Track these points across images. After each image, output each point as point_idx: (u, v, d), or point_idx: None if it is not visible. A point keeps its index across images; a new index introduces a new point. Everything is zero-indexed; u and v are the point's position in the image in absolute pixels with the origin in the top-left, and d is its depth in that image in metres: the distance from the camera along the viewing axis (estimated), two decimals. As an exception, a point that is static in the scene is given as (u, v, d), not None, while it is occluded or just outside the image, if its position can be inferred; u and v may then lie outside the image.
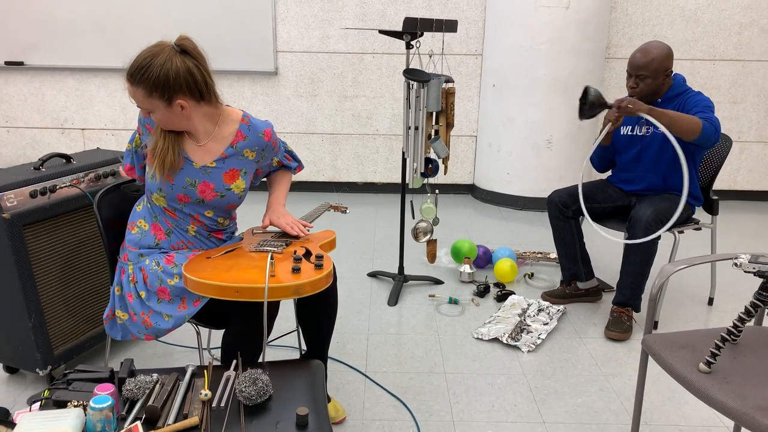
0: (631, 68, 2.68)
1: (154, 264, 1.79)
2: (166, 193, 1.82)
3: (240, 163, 1.92)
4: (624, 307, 2.74)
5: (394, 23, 4.67)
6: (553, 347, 2.61)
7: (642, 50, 2.66)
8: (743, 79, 4.78)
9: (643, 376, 1.81)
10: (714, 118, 2.55)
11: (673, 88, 2.72)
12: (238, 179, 1.92)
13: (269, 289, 1.54)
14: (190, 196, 1.84)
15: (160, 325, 1.75)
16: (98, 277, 2.36)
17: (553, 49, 4.29)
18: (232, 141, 1.89)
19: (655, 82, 2.66)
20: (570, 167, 4.61)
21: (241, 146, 1.91)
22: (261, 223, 1.99)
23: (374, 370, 2.41)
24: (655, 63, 2.62)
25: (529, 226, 4.28)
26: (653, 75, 2.64)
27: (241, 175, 1.93)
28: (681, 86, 2.73)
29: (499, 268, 3.22)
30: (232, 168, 1.91)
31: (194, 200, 1.85)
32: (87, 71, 4.73)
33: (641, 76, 2.65)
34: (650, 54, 2.63)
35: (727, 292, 3.17)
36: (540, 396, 2.25)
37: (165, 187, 1.81)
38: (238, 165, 1.92)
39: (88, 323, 2.33)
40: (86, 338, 2.32)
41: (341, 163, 4.98)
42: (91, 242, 2.31)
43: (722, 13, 4.65)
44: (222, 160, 1.88)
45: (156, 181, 1.81)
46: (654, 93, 2.70)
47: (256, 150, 1.94)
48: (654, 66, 2.63)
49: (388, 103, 4.83)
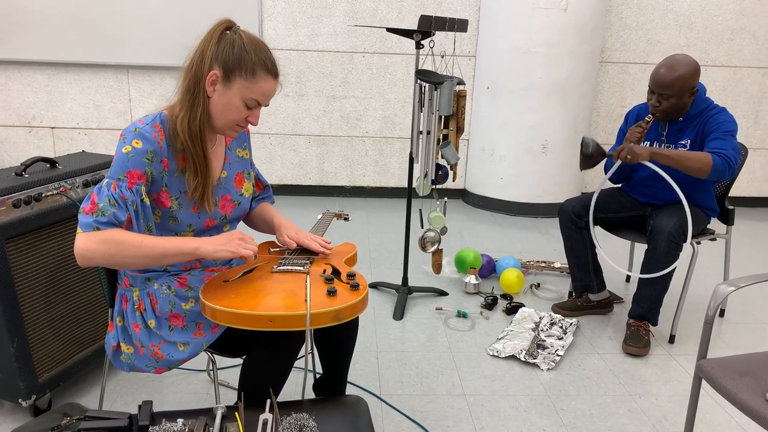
0: (654, 85, 2.50)
1: (164, 288, 1.58)
2: (196, 226, 1.61)
3: (240, 164, 1.75)
4: (641, 320, 2.64)
5: (385, 21, 4.51)
6: (572, 364, 2.49)
7: (667, 66, 2.46)
8: (734, 86, 4.78)
9: (695, 405, 1.69)
10: (729, 148, 2.41)
11: (695, 104, 2.56)
12: (245, 182, 1.76)
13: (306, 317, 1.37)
14: (215, 218, 1.64)
15: (174, 355, 1.56)
16: (87, 294, 2.13)
17: (550, 52, 4.20)
18: (225, 142, 1.71)
19: (679, 102, 2.49)
20: (565, 173, 4.52)
21: (234, 146, 1.74)
22: (277, 242, 1.81)
23: (389, 393, 2.24)
24: (681, 81, 2.44)
25: (526, 233, 4.18)
26: (678, 94, 2.47)
27: (246, 177, 1.77)
28: (703, 101, 2.58)
29: (506, 279, 3.10)
30: (238, 172, 1.74)
31: (219, 220, 1.66)
32: (58, 66, 4.43)
33: (665, 95, 2.48)
34: (676, 71, 2.44)
35: (737, 302, 3.11)
36: (568, 419, 2.13)
37: (193, 220, 1.60)
38: (240, 167, 1.75)
39: (75, 345, 2.10)
40: (74, 362, 2.09)
41: (329, 166, 4.79)
42: (79, 256, 2.09)
43: (715, 19, 4.64)
44: (228, 166, 1.71)
45: (185, 219, 1.58)
46: (678, 111, 2.54)
47: (245, 146, 1.78)
48: (680, 85, 2.45)
49: (379, 105, 4.67)
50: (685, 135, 2.60)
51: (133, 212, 1.46)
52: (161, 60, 4.39)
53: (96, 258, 1.42)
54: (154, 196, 1.53)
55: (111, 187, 1.45)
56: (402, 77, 4.61)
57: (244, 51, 1.48)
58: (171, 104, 1.56)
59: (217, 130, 1.59)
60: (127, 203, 1.45)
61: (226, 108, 1.52)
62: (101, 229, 1.42)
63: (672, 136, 2.64)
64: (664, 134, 2.66)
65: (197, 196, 1.56)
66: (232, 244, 1.51)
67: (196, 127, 1.51)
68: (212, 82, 1.50)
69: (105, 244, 1.41)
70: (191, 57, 1.52)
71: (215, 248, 1.49)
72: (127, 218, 1.45)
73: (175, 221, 1.56)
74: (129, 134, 1.48)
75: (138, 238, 1.45)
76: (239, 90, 1.50)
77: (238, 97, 1.51)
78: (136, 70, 4.47)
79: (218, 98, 1.52)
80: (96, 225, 1.41)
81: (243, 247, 1.52)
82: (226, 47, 1.49)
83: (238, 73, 1.48)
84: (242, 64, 1.48)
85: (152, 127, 1.49)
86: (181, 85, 1.53)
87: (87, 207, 1.44)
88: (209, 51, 1.49)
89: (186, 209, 1.57)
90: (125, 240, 1.43)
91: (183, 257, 1.49)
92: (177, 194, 1.55)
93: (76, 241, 1.42)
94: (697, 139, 2.57)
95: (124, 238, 1.43)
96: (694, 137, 2.58)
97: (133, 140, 1.47)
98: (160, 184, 1.52)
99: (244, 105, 1.52)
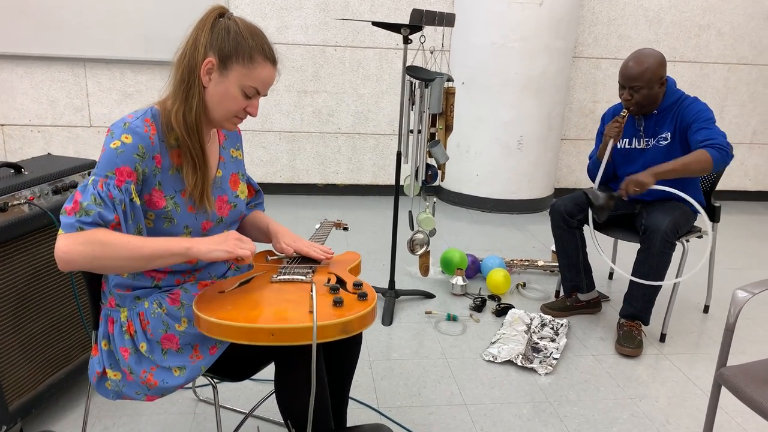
0: (624, 79, 2.53)
1: (155, 306, 1.44)
2: (192, 227, 1.47)
3: (234, 165, 1.63)
4: (634, 320, 2.62)
5: (357, 14, 4.37)
6: (569, 367, 2.45)
7: (634, 59, 2.52)
8: (700, 81, 4.85)
9: (713, 414, 1.65)
10: (718, 135, 2.44)
11: (667, 96, 2.60)
12: (240, 183, 1.63)
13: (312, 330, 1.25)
14: (212, 219, 1.51)
15: (169, 381, 1.42)
16: (59, 311, 1.95)
17: (526, 48, 4.15)
18: (219, 140, 1.59)
19: (650, 93, 2.53)
20: (540, 169, 4.50)
21: (228, 145, 1.62)
22: (275, 250, 1.68)
23: (388, 405, 2.14)
24: (649, 72, 2.49)
25: (504, 230, 4.14)
26: (648, 85, 2.51)
27: (240, 178, 1.64)
28: (674, 92, 2.61)
29: (493, 279, 3.04)
30: (233, 172, 1.62)
31: (215, 222, 1.52)
32: (6, 59, 4.13)
33: (635, 87, 2.51)
34: (643, 63, 2.49)
35: (720, 298, 3.13)
36: (573, 427, 2.07)
37: (190, 221, 1.47)
38: (234, 168, 1.63)
39: (48, 368, 1.92)
40: (46, 386, 1.91)
41: (300, 163, 4.64)
42: (50, 269, 1.91)
43: (682, 15, 4.69)
44: (223, 165, 1.59)
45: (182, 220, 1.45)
46: (650, 103, 2.57)
47: (239, 146, 1.66)
48: (648, 76, 2.49)
49: (352, 100, 4.54)
50: (664, 128, 2.60)
51: (121, 212, 1.32)
52: (121, 53, 4.13)
53: (79, 261, 1.27)
54: (146, 197, 1.39)
55: (97, 185, 1.30)
56: (375, 71, 4.49)
57: (240, 36, 1.37)
58: (162, 99, 1.44)
59: (214, 123, 1.46)
60: (115, 202, 1.30)
61: (223, 98, 1.40)
62: (85, 229, 1.27)
63: (650, 130, 2.64)
64: (641, 129, 2.66)
65: (197, 194, 1.43)
66: (228, 243, 1.38)
67: (192, 119, 1.39)
68: (208, 71, 1.38)
69: (89, 245, 1.26)
70: (183, 46, 1.40)
71: (210, 248, 1.36)
72: (115, 219, 1.31)
73: (170, 222, 1.42)
74: (117, 129, 1.34)
75: (124, 238, 1.31)
76: (237, 78, 1.38)
77: (236, 86, 1.39)
78: (94, 64, 4.20)
79: (215, 88, 1.39)
80: (79, 225, 1.27)
81: (240, 247, 1.39)
82: (221, 33, 1.37)
83: (235, 59, 1.37)
84: (239, 50, 1.37)
85: (143, 121, 1.36)
86: (174, 76, 1.41)
87: (69, 207, 1.29)
88: (203, 38, 1.37)
89: (183, 209, 1.43)
90: (110, 240, 1.28)
91: (174, 258, 1.35)
92: (172, 193, 1.42)
93: (57, 244, 1.27)
94: (677, 130, 2.59)
95: (109, 238, 1.28)
96: (673, 129, 2.59)
97: (122, 135, 1.33)
98: (152, 182, 1.38)
99: (242, 94, 1.41)
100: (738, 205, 5.04)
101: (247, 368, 1.54)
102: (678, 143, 2.58)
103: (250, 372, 1.55)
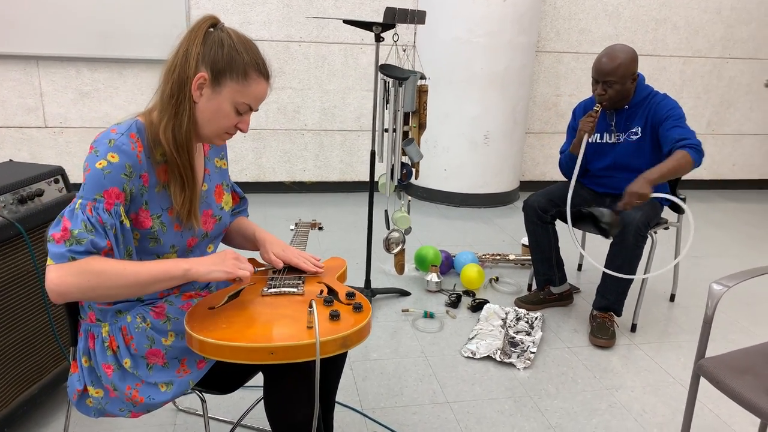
0: (597, 74, 2.58)
1: (139, 320, 1.39)
2: (179, 246, 1.42)
3: (219, 176, 1.58)
4: (607, 312, 2.68)
5: (321, 10, 4.32)
6: (546, 361, 2.49)
7: (608, 55, 2.56)
8: (658, 74, 4.98)
9: (693, 404, 1.70)
10: (691, 136, 2.51)
11: (638, 91, 2.66)
12: (224, 195, 1.59)
13: (312, 346, 1.23)
14: (197, 235, 1.46)
15: (155, 398, 1.37)
16: (29, 324, 1.87)
17: (491, 43, 4.18)
18: (204, 151, 1.54)
19: (623, 88, 2.58)
20: (506, 163, 4.55)
21: (212, 155, 1.57)
22: (262, 259, 1.65)
23: (371, 407, 2.14)
24: (623, 68, 2.54)
25: (472, 224, 4.17)
26: (621, 80, 2.56)
27: (225, 189, 1.60)
28: (645, 88, 2.68)
29: (467, 275, 3.06)
30: (217, 184, 1.57)
31: (200, 238, 1.47)
32: (-47, 57, 3.94)
33: (609, 82, 2.56)
34: (617, 59, 2.54)
35: (684, 286, 3.23)
36: (555, 420, 2.11)
37: (176, 240, 1.41)
38: (219, 178, 1.58)
39: (19, 383, 1.84)
40: (18, 404, 1.83)
41: (266, 161, 4.57)
42: (18, 282, 1.82)
43: (640, 9, 4.79)
44: (209, 178, 1.53)
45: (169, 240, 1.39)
46: (623, 98, 2.62)
47: (223, 155, 1.61)
48: (621, 71, 2.54)
49: (317, 96, 4.49)
50: (634, 123, 2.66)
51: (113, 237, 1.26)
52: (77, 50, 3.98)
53: (72, 292, 1.22)
54: (132, 216, 1.33)
55: (86, 210, 1.24)
56: (341, 67, 4.45)
57: (234, 51, 1.31)
58: (146, 110, 1.37)
59: (203, 139, 1.41)
60: (106, 227, 1.25)
61: (215, 114, 1.34)
62: (77, 258, 1.21)
63: (621, 125, 2.70)
64: (613, 124, 2.71)
65: (184, 212, 1.37)
66: (227, 264, 1.35)
67: (182, 136, 1.33)
68: (199, 86, 1.32)
69: (83, 276, 1.21)
70: (172, 58, 1.33)
71: (209, 269, 1.33)
72: (107, 245, 1.25)
73: (156, 242, 1.37)
74: (102, 147, 1.27)
75: (120, 265, 1.26)
76: (230, 94, 1.33)
77: (229, 102, 1.34)
78: (48, 62, 4.03)
79: (206, 104, 1.33)
80: (71, 255, 1.21)
81: (239, 268, 1.36)
82: (214, 47, 1.31)
83: (228, 75, 1.31)
84: (233, 66, 1.31)
85: (128, 137, 1.29)
86: (162, 89, 1.33)
87: (58, 234, 1.23)
88: (194, 50, 1.30)
89: (170, 228, 1.38)
90: (105, 269, 1.23)
91: (173, 282, 1.31)
92: (159, 212, 1.36)
93: (48, 275, 1.21)
94: (647, 125, 2.65)
95: (103, 266, 1.23)
96: (644, 124, 2.65)
97: (108, 154, 1.26)
98: (139, 202, 1.33)
99: (234, 110, 1.35)
100: (694, 194, 5.20)
101: (236, 380, 1.51)
102: (648, 138, 2.64)
103: (239, 383, 1.52)
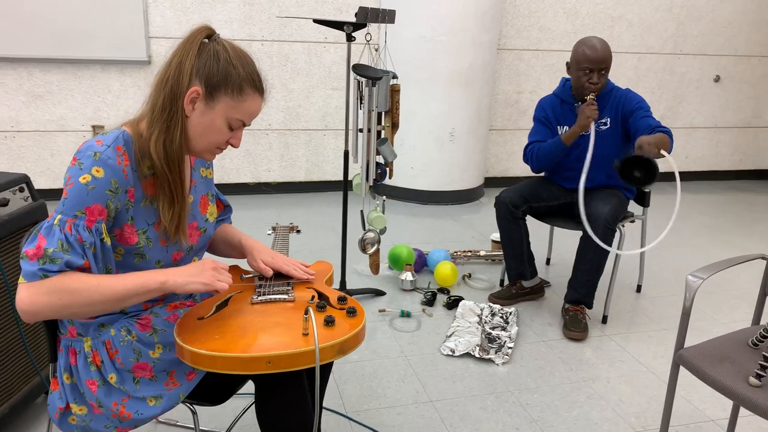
0: (592, 64, 2.62)
1: (123, 333, 1.34)
2: (164, 261, 1.37)
3: (204, 186, 1.54)
4: (578, 305, 2.74)
5: (284, 8, 4.27)
6: (523, 355, 2.52)
7: (599, 43, 2.62)
8: (614, 70, 5.11)
9: (672, 393, 1.75)
10: (662, 124, 2.61)
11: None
12: (209, 205, 1.55)
13: (310, 354, 1.22)
14: (182, 249, 1.41)
15: (144, 413, 1.33)
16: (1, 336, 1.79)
17: (453, 41, 4.21)
18: (190, 161, 1.49)
19: (607, 75, 2.68)
20: (472, 159, 4.60)
21: (198, 165, 1.53)
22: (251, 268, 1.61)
23: (355, 410, 2.13)
24: (611, 56, 2.64)
25: (441, 221, 4.20)
26: (609, 67, 2.66)
27: (210, 199, 1.56)
28: (608, 82, 2.77)
29: (441, 273, 3.07)
30: (202, 194, 1.53)
31: (185, 251, 1.43)
32: None
33: (602, 70, 2.63)
34: (607, 47, 2.63)
35: (649, 276, 3.33)
36: (536, 414, 2.14)
37: (162, 255, 1.36)
38: (204, 189, 1.54)
39: (-12, 404, 1.76)
40: (-11, 424, 1.75)
41: (230, 162, 4.49)
42: (-15, 297, 1.74)
43: (597, 7, 4.91)
44: (194, 189, 1.49)
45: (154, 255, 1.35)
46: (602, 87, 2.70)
47: (209, 165, 1.57)
48: (610, 59, 2.65)
49: (281, 95, 4.43)
50: (603, 114, 2.74)
51: (91, 255, 1.21)
52: (29, 50, 3.82)
53: (44, 312, 1.17)
54: (116, 231, 1.28)
55: (65, 227, 1.18)
56: (305, 66, 4.41)
57: (230, 65, 1.26)
58: (133, 120, 1.31)
59: (194, 153, 1.36)
60: (85, 246, 1.19)
61: (207, 129, 1.30)
62: (49, 276, 1.16)
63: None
64: None
65: (172, 228, 1.33)
66: (205, 275, 1.30)
67: (173, 151, 1.28)
68: (192, 100, 1.27)
69: (54, 294, 1.16)
70: (165, 69, 1.27)
71: (186, 280, 1.28)
72: (84, 264, 1.20)
73: (142, 258, 1.32)
74: (86, 160, 1.21)
75: (93, 281, 1.20)
76: (224, 109, 1.28)
77: (222, 118, 1.29)
78: (-3, 63, 3.87)
79: (198, 118, 1.29)
80: (43, 273, 1.16)
81: (217, 279, 1.32)
82: (209, 60, 1.26)
83: (223, 90, 1.26)
84: (228, 81, 1.26)
85: (114, 150, 1.24)
86: (152, 101, 1.28)
87: (31, 251, 1.17)
88: (188, 63, 1.25)
89: (155, 243, 1.33)
90: (78, 287, 1.18)
91: (149, 294, 1.26)
92: (144, 227, 1.31)
93: (19, 294, 1.16)
94: (618, 116, 2.73)
95: (76, 284, 1.18)
96: (614, 115, 2.73)
97: (93, 168, 1.20)
98: (124, 218, 1.27)
99: (227, 126, 1.31)
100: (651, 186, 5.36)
101: (226, 390, 1.48)
102: (619, 129, 2.72)
103: (230, 393, 1.48)
